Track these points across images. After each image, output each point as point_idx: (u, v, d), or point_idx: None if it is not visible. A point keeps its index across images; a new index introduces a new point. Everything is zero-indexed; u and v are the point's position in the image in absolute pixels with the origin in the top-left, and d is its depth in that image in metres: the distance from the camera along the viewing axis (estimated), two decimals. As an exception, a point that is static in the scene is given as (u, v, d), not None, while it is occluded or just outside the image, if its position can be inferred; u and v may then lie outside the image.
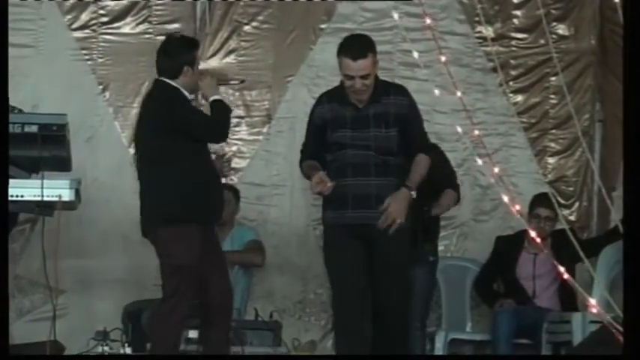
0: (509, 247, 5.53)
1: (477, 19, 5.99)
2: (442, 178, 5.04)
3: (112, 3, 5.94)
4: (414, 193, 4.24)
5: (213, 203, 4.33)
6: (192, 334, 4.72)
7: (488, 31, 6.00)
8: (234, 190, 5.61)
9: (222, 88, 5.92)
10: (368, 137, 4.24)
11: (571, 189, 6.02)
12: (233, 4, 6.01)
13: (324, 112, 4.35)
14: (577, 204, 6.01)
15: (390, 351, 4.22)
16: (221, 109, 4.35)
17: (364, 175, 4.22)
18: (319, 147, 4.35)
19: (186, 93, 4.33)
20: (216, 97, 4.37)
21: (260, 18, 6.02)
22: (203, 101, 5.92)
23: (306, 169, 4.36)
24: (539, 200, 5.36)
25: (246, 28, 6.02)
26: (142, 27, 5.96)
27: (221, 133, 4.37)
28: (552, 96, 6.06)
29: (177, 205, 4.17)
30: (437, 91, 4.83)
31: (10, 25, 5.56)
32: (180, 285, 4.13)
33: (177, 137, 4.19)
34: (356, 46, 4.25)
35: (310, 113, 4.48)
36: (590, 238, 5.76)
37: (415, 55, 5.04)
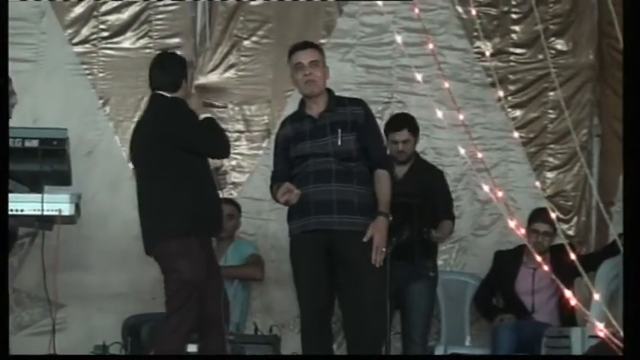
0: (508, 261, 5.53)
1: (475, 34, 6.02)
2: (442, 207, 5.10)
3: (113, 18, 5.97)
4: (390, 217, 4.27)
5: (215, 217, 4.32)
6: (191, 348, 4.71)
7: (486, 47, 6.03)
8: (236, 205, 5.63)
9: (219, 102, 6.03)
10: (326, 145, 4.30)
11: (569, 204, 6.03)
12: (233, 20, 6.04)
13: (287, 133, 4.45)
14: (575, 219, 6.02)
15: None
16: (216, 126, 4.35)
17: (325, 182, 4.26)
18: (286, 168, 4.41)
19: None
20: (206, 115, 4.37)
21: (260, 33, 6.05)
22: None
23: (275, 191, 4.38)
24: (537, 215, 5.37)
25: (246, 43, 6.05)
26: (142, 42, 5.98)
27: (225, 148, 4.35)
28: (551, 111, 6.08)
29: (181, 219, 4.16)
30: (437, 108, 4.84)
31: (11, 39, 5.61)
32: (186, 300, 4.12)
33: (180, 151, 4.18)
34: (303, 41, 4.53)
35: (275, 138, 4.56)
36: (588, 253, 5.76)
37: (414, 71, 5.07)
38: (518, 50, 6.10)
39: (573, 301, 3.42)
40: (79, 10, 5.95)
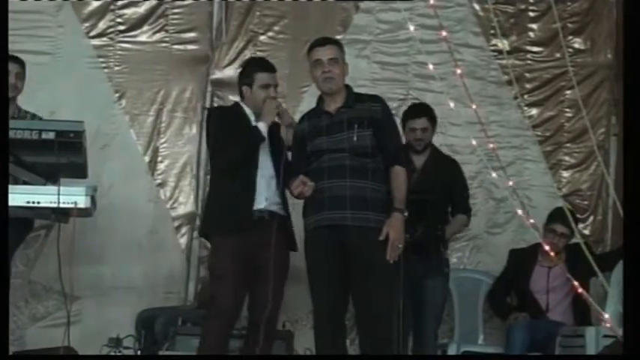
0: (522, 260, 5.51)
1: (492, 31, 6.00)
2: (459, 199, 5.17)
3: (130, 11, 5.98)
4: (406, 214, 4.27)
5: (251, 217, 4.34)
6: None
7: (503, 44, 6.01)
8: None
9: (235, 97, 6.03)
10: (342, 140, 4.31)
11: (585, 203, 6.01)
12: (249, 15, 6.04)
13: (304, 128, 4.46)
14: (591, 218, 5.99)
15: (373, 351, 4.20)
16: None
17: (340, 177, 4.26)
18: (303, 163, 4.41)
19: (247, 110, 4.44)
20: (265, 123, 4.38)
21: (276, 28, 6.05)
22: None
23: (290, 184, 4.39)
24: (557, 216, 5.32)
25: (262, 38, 6.05)
26: (158, 35, 5.99)
27: (221, 161, 4.40)
28: (567, 109, 6.06)
29: (220, 217, 4.28)
30: (452, 104, 4.84)
31: (28, 32, 5.68)
32: (222, 295, 4.21)
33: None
34: (323, 37, 4.52)
35: (293, 135, 4.55)
36: (604, 253, 5.74)
37: (430, 67, 5.07)
38: (535, 48, 6.08)
39: (588, 301, 3.41)
40: (96, 3, 5.96)
